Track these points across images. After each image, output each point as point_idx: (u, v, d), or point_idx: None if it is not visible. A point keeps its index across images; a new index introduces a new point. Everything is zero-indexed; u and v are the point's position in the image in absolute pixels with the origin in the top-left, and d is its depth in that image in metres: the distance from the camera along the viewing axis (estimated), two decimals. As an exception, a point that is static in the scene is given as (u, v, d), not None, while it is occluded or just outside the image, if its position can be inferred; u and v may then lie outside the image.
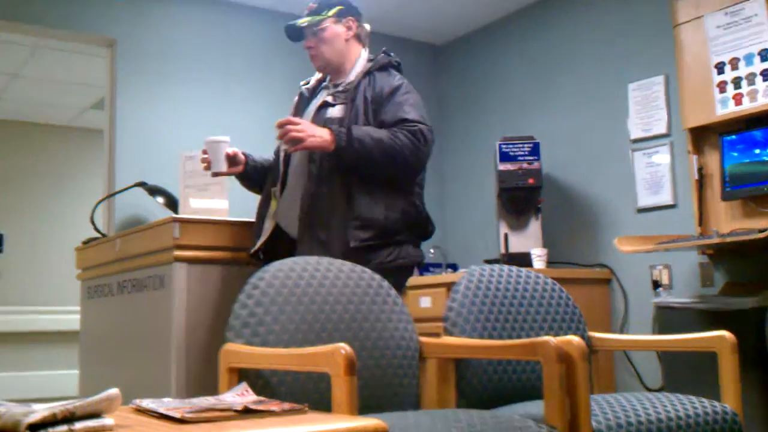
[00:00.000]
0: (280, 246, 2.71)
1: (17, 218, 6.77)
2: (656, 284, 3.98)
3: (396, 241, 2.62)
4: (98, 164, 4.66)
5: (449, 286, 3.86)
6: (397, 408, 2.16)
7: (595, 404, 2.03)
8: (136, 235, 3.12)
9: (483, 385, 2.29)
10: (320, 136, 2.55)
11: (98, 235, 3.79)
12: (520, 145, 4.31)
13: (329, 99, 2.82)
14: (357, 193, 2.59)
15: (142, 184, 3.91)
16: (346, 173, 2.61)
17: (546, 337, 1.87)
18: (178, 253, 2.81)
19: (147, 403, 1.57)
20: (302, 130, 2.56)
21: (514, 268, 2.65)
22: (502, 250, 4.35)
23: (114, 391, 1.35)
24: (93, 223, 3.93)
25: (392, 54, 2.93)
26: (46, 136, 6.99)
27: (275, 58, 4.72)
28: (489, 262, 4.24)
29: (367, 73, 2.81)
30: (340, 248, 2.53)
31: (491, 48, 5.09)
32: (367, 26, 2.95)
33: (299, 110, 2.91)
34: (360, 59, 2.87)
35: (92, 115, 6.62)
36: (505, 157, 4.30)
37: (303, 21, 2.83)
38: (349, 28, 2.85)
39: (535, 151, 4.29)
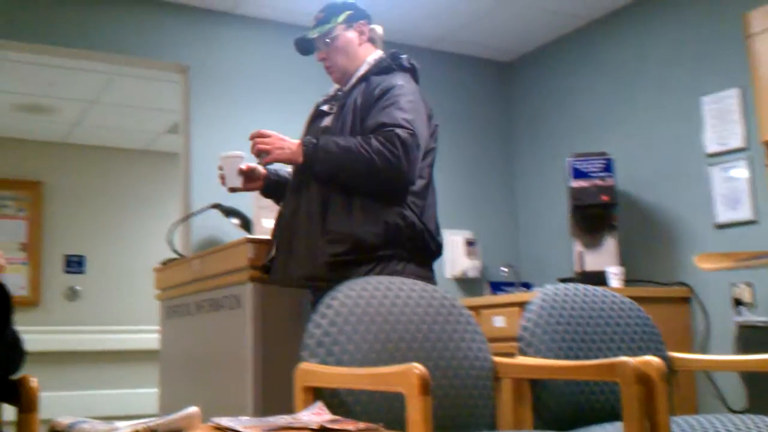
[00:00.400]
0: None
1: (98, 240, 6.97)
2: (738, 302, 3.86)
3: (378, 257, 2.41)
4: (174, 186, 4.78)
5: (523, 305, 3.82)
6: (472, 429, 2.14)
7: (675, 426, 1.97)
8: (213, 255, 3.18)
9: (560, 407, 2.26)
10: (288, 148, 2.47)
11: (176, 256, 3.87)
12: (593, 162, 4.25)
13: (325, 108, 2.71)
14: (333, 206, 2.44)
15: (217, 206, 3.99)
16: (325, 185, 2.47)
17: (624, 358, 1.84)
18: (253, 273, 2.86)
19: (225, 422, 1.59)
20: (270, 142, 2.49)
21: (590, 287, 2.60)
22: (577, 269, 4.28)
23: (194, 409, 1.37)
24: (171, 244, 4.02)
25: (403, 56, 2.71)
26: (124, 160, 7.19)
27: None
28: (563, 280, 4.18)
29: (364, 78, 2.63)
30: (312, 264, 2.43)
31: (560, 63, 5.05)
32: (379, 28, 2.79)
33: (312, 123, 2.77)
34: (364, 64, 2.68)
35: (168, 139, 6.79)
36: (577, 173, 4.25)
37: (313, 32, 2.70)
38: (361, 33, 2.70)
39: (608, 167, 4.22)
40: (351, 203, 2.43)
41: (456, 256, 4.87)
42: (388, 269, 2.41)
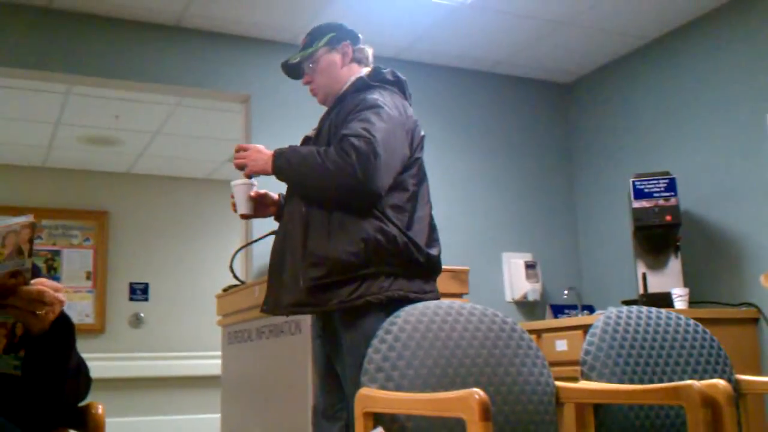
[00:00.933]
0: None
1: (161, 268, 7.11)
2: (810, 324, 3.74)
3: (361, 276, 2.34)
4: (235, 214, 4.82)
5: (585, 328, 3.77)
6: (534, 454, 2.11)
7: (747, 452, 1.91)
8: (273, 281, 3.21)
9: (624, 432, 2.21)
10: (262, 159, 2.49)
11: (237, 282, 3.92)
12: (655, 182, 4.18)
13: (310, 133, 2.69)
14: (313, 228, 2.41)
15: (276, 232, 4.02)
16: (307, 207, 2.44)
17: (689, 381, 1.79)
18: (312, 298, 2.87)
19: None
20: (246, 155, 2.53)
21: (654, 309, 2.55)
22: (641, 291, 4.21)
23: None
24: (232, 270, 4.07)
25: (385, 70, 2.66)
26: (187, 189, 7.33)
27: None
28: (627, 303, 4.11)
29: (341, 98, 2.59)
30: (297, 290, 2.39)
31: (619, 83, 4.99)
32: (368, 48, 2.75)
33: None
34: (345, 84, 2.65)
35: (229, 167, 6.90)
36: (639, 194, 4.18)
37: (295, 57, 2.72)
38: (344, 54, 2.67)
39: (671, 187, 4.15)
40: (330, 223, 2.39)
41: (516, 279, 4.83)
42: (374, 286, 2.35)
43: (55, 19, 4.17)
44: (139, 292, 7.00)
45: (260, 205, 2.73)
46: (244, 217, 2.75)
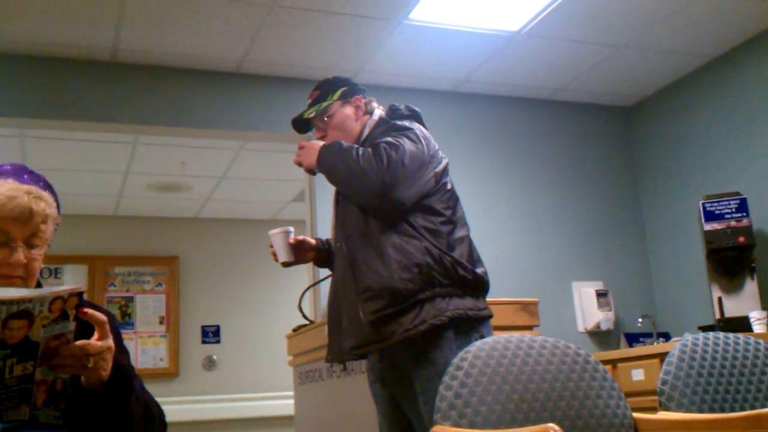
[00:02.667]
0: None
1: (232, 310, 7.19)
2: None
3: (419, 301, 2.32)
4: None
5: (662, 356, 3.67)
6: (615, 489, 2.05)
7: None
8: (341, 320, 3.22)
9: (708, 463, 2.14)
10: (313, 153, 2.50)
11: (307, 322, 3.94)
12: (726, 203, 4.09)
13: None
14: (357, 262, 2.39)
15: (331, 284, 4.04)
16: (347, 242, 2.44)
17: (775, 410, 1.73)
18: (381, 336, 2.87)
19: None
20: (301, 153, 2.53)
21: (731, 335, 2.47)
22: (717, 315, 4.09)
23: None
24: (301, 310, 4.09)
25: (400, 107, 2.70)
26: (253, 230, 7.42)
27: (457, 140, 4.79)
28: (704, 328, 4.00)
29: (365, 141, 2.59)
30: (359, 330, 2.35)
31: (683, 104, 4.91)
32: (374, 102, 2.74)
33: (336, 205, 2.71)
34: (365, 129, 2.64)
35: (294, 207, 6.98)
36: (710, 216, 4.09)
37: (309, 111, 2.67)
38: (357, 108, 2.67)
39: (742, 207, 4.04)
40: (375, 254, 2.37)
41: (587, 309, 4.74)
42: (433, 309, 2.32)
43: (120, 72, 4.31)
44: (210, 334, 7.09)
45: (299, 252, 2.70)
46: (285, 265, 2.72)
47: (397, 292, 2.31)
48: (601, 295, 4.74)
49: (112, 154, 5.58)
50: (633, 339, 4.63)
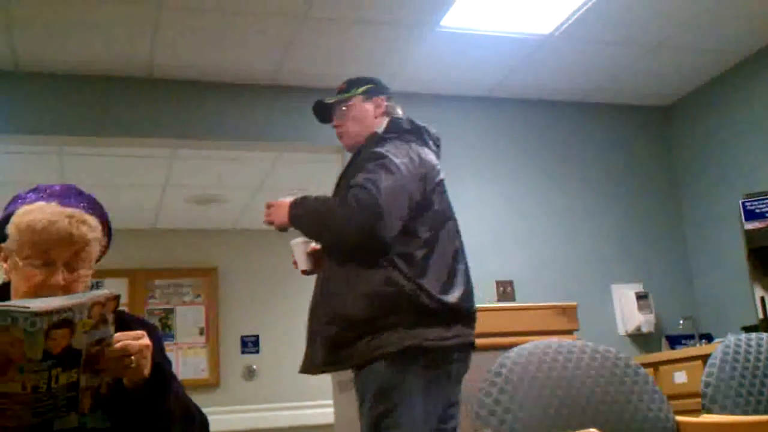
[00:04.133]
0: None
1: (270, 319, 7.23)
2: None
3: (376, 328, 2.31)
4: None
5: (705, 358, 3.62)
6: (659, 494, 2.03)
7: None
8: (379, 328, 3.22)
9: (754, 466, 2.10)
10: (282, 212, 2.51)
11: (344, 330, 3.95)
12: (767, 201, 4.02)
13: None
14: (330, 284, 2.45)
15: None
16: (328, 263, 2.51)
17: (822, 411, 1.70)
18: (419, 343, 2.87)
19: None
20: (271, 212, 2.56)
21: (775, 335, 2.44)
22: (760, 315, 4.02)
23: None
24: (338, 319, 4.10)
25: (402, 119, 2.66)
26: (289, 240, 7.44)
27: (491, 145, 4.78)
28: (747, 329, 3.94)
29: (358, 151, 2.59)
30: (323, 349, 2.44)
31: (722, 101, 4.84)
32: (399, 109, 2.73)
33: None
34: (378, 130, 2.64)
35: (330, 216, 7.00)
36: (750, 215, 4.03)
37: (331, 98, 2.74)
38: (378, 106, 2.68)
39: (784, 205, 3.99)
40: (343, 279, 2.40)
41: (627, 311, 4.69)
42: (392, 337, 2.30)
43: (157, 88, 4.37)
44: (250, 344, 7.13)
45: (318, 260, 2.71)
46: (305, 273, 2.78)
47: (350, 320, 2.35)
48: (641, 297, 4.69)
49: (150, 168, 5.66)
50: (675, 341, 4.58)
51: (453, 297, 2.44)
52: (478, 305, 3.07)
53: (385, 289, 2.34)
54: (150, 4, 3.64)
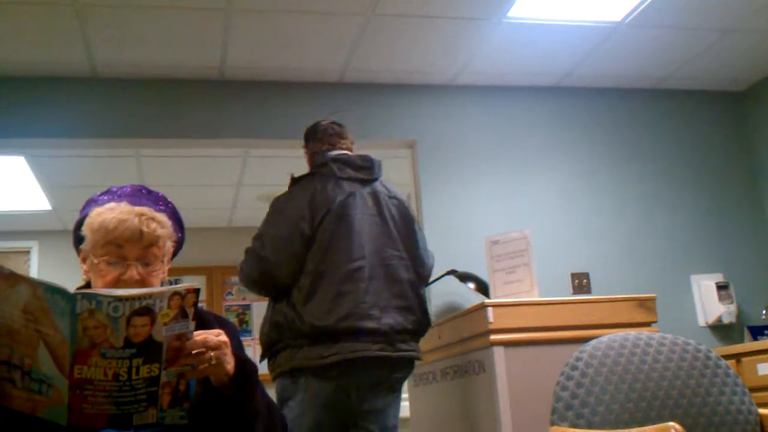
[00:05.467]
0: None
1: (345, 314, 7.29)
2: None
3: (277, 350, 2.84)
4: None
5: (789, 349, 3.52)
6: (744, 489, 1.99)
7: None
8: (453, 322, 3.24)
9: None
10: None
11: (418, 325, 3.96)
12: None
13: None
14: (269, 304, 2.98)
15: (452, 272, 4.06)
16: None
17: None
18: (494, 337, 2.87)
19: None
20: None
21: None
22: None
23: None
24: (412, 314, 4.12)
25: (318, 156, 3.20)
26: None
27: (561, 136, 4.73)
28: (833, 318, 3.81)
29: None
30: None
31: (802, 85, 4.68)
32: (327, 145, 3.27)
33: None
34: None
35: (401, 211, 7.03)
36: (835, 200, 3.89)
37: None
38: (306, 152, 3.34)
39: None
40: (267, 310, 2.96)
41: (708, 302, 4.58)
42: (283, 358, 2.81)
43: (228, 90, 4.45)
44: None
45: None
46: None
47: (263, 343, 2.91)
48: (721, 287, 4.57)
49: (223, 168, 5.77)
50: (757, 332, 4.45)
51: (331, 319, 2.77)
52: (551, 298, 3.06)
53: (277, 318, 2.84)
54: (219, 9, 3.71)
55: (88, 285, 1.76)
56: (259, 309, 7.15)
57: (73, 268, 2.86)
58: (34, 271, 6.95)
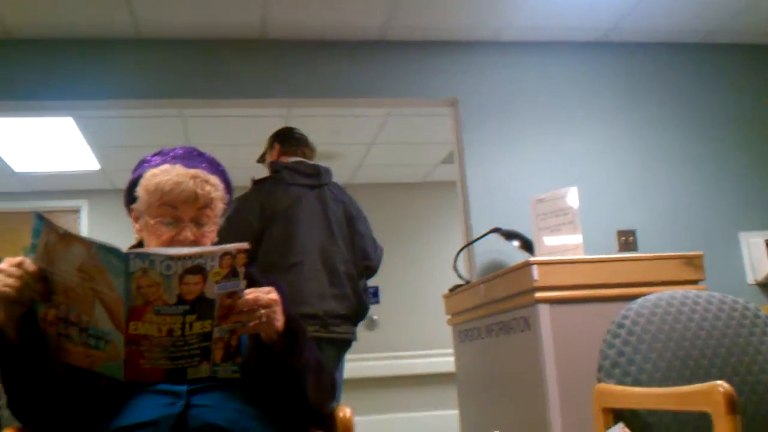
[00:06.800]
0: None
1: (389, 271, 7.30)
2: None
3: None
4: (453, 212, 4.93)
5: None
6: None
7: None
8: (498, 279, 3.25)
9: None
10: None
11: (462, 282, 3.99)
12: None
13: None
14: None
15: (497, 230, 4.06)
16: None
17: None
18: (539, 294, 2.88)
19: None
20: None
21: None
22: None
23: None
24: (456, 270, 4.15)
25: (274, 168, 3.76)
26: (405, 193, 7.54)
27: (607, 92, 4.66)
28: None
29: None
30: None
31: None
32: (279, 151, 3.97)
33: None
34: None
35: (443, 168, 7.03)
36: None
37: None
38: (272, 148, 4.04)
39: None
40: None
41: (757, 260, 4.52)
42: None
43: (270, 49, 4.46)
44: (371, 295, 7.28)
45: None
46: None
47: None
48: (770, 243, 4.50)
49: (267, 127, 5.78)
50: (807, 291, 4.40)
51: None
52: (598, 255, 3.06)
53: None
54: (263, -33, 3.71)
55: (140, 244, 1.81)
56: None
57: (122, 226, 2.94)
58: (84, 230, 7.11)
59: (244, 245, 1.48)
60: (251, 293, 1.53)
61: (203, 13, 4.12)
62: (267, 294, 1.57)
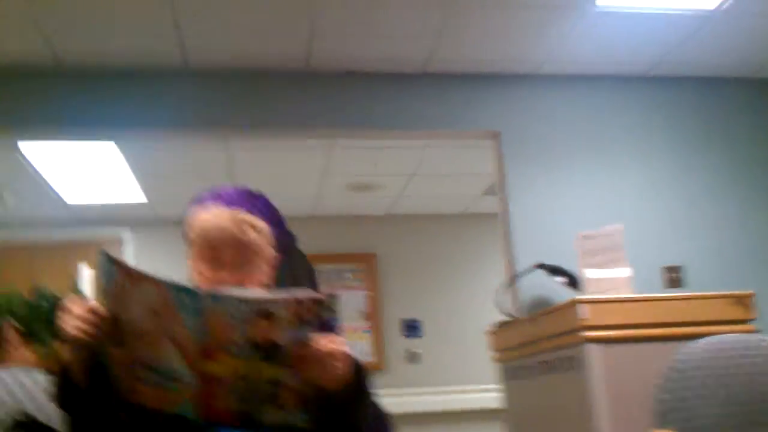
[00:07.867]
0: None
1: (431, 304, 7.32)
2: None
3: None
4: (495, 245, 4.89)
5: None
6: None
7: None
8: (544, 317, 3.22)
9: None
10: None
11: (507, 318, 3.96)
12: None
13: None
14: None
15: (541, 266, 4.03)
16: None
17: None
18: (588, 333, 2.85)
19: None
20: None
21: None
22: None
23: None
24: (500, 306, 4.12)
25: None
26: (445, 225, 7.51)
27: (650, 126, 4.62)
28: None
29: None
30: None
31: None
32: None
33: None
34: None
35: (485, 200, 6.99)
36: None
37: None
38: None
39: None
40: None
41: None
42: None
43: (313, 80, 4.48)
44: (411, 328, 7.25)
45: None
46: None
47: None
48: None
49: (309, 157, 5.84)
50: None
51: None
52: (644, 294, 3.02)
53: None
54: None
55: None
56: (346, 297, 7.19)
57: (165, 255, 2.96)
58: (129, 260, 7.16)
59: (318, 295, 1.47)
60: (321, 343, 1.51)
61: (250, 43, 4.16)
62: (331, 343, 1.54)
